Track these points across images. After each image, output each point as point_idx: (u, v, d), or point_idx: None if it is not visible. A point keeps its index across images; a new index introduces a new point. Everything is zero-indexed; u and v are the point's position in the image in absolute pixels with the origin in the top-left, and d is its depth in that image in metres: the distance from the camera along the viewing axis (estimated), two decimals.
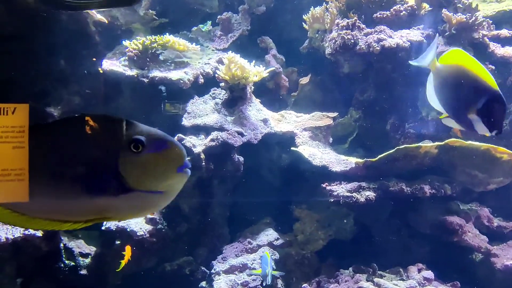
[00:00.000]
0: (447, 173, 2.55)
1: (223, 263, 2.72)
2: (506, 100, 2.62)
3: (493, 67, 2.71)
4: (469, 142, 2.37)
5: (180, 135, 2.80)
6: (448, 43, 2.76)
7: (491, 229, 2.51)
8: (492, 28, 2.84)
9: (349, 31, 2.91)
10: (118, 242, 2.72)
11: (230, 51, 2.93)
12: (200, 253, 2.93)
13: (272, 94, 3.55)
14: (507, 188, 2.66)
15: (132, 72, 2.96)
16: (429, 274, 2.26)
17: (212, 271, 2.69)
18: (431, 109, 2.96)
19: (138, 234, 2.67)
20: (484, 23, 2.74)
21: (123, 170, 0.89)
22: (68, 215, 0.93)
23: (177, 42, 3.11)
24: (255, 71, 2.96)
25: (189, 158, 2.69)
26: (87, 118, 0.91)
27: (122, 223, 2.66)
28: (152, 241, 2.74)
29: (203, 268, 2.86)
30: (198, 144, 2.80)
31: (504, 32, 2.77)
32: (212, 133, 2.84)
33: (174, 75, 3.00)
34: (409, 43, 2.83)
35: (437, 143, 2.43)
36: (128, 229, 2.66)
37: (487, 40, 2.72)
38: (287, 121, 3.16)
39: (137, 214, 0.98)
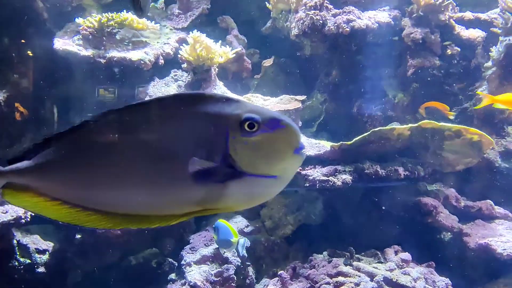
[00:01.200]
0: (418, 155, 2.57)
1: (193, 253, 2.59)
2: (469, 81, 2.68)
3: (459, 49, 2.76)
4: (442, 123, 2.39)
5: None
6: (415, 25, 2.77)
7: (458, 209, 2.58)
8: (456, 11, 2.88)
9: (318, 11, 2.84)
10: (79, 236, 2.53)
11: (196, 30, 2.76)
12: (166, 244, 2.79)
13: (234, 77, 3.42)
14: (468, 168, 2.74)
15: (87, 52, 2.73)
16: (406, 255, 2.27)
17: (183, 262, 2.55)
18: (397, 91, 2.98)
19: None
20: (449, 5, 2.77)
21: (234, 152, 0.79)
22: (166, 208, 0.83)
23: (135, 20, 2.90)
24: (221, 52, 2.83)
25: None
26: (191, 96, 0.82)
27: None
28: (116, 234, 2.57)
29: (170, 259, 2.73)
30: None
31: (468, 15, 2.82)
32: None
33: (134, 55, 2.80)
34: (377, 25, 2.81)
35: (410, 125, 2.44)
36: None
37: (453, 22, 2.76)
38: None
39: (247, 203, 0.86)
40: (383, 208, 2.63)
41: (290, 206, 2.94)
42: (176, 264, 2.67)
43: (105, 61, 2.74)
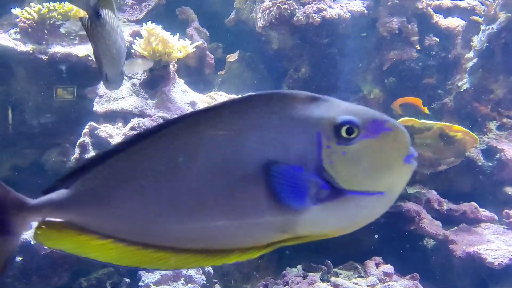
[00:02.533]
0: None
1: (152, 272, 2.31)
2: (449, 74, 2.49)
3: (437, 40, 2.56)
4: (423, 121, 2.18)
5: (92, 123, 2.32)
6: (391, 14, 2.56)
7: (441, 213, 2.38)
8: None
9: (285, 0, 2.59)
10: (20, 258, 2.21)
11: (150, 22, 2.47)
12: None
13: (196, 73, 3.15)
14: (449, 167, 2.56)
15: (26, 48, 2.41)
16: (389, 268, 2.05)
17: (140, 283, 2.27)
18: (372, 86, 2.77)
19: (45, 248, 2.17)
20: None
21: (329, 165, 0.64)
22: (246, 238, 0.68)
23: (82, 11, 2.57)
24: (179, 46, 2.54)
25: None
26: (268, 96, 0.65)
27: (24, 235, 2.15)
28: (63, 254, 2.25)
29: (127, 279, 2.43)
30: (115, 133, 2.34)
31: (447, 2, 2.63)
32: (131, 119, 2.39)
33: (80, 50, 2.49)
34: (350, 14, 2.58)
35: None
36: (32, 242, 2.15)
37: (431, 10, 2.56)
38: None
39: (349, 227, 0.67)
40: None
41: None
42: (134, 286, 2.39)
43: (47, 57, 2.43)
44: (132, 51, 2.56)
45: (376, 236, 2.43)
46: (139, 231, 0.70)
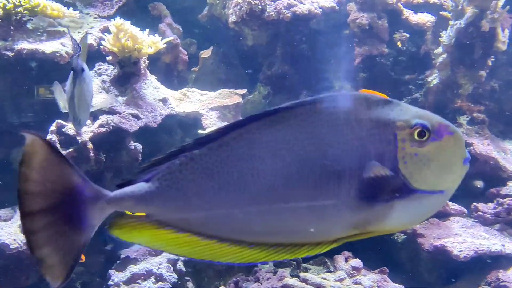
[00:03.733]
0: None
1: (122, 271, 2.28)
2: (419, 69, 2.51)
3: (408, 35, 2.57)
4: None
5: (59, 121, 2.27)
6: (361, 10, 2.56)
7: None
8: None
9: None
10: None
11: (119, 17, 2.43)
12: (94, 261, 2.46)
13: (169, 70, 3.12)
14: None
15: None
16: (358, 262, 2.06)
17: (110, 282, 2.24)
18: (344, 82, 2.77)
19: (11, 247, 2.14)
20: None
21: (404, 165, 0.69)
22: (321, 233, 0.72)
23: (49, 6, 2.53)
24: (149, 42, 2.51)
25: (72, 149, 2.13)
26: (344, 98, 0.71)
27: None
28: (30, 254, 2.21)
29: (97, 279, 2.41)
30: (83, 131, 2.30)
31: None
32: (100, 117, 2.35)
33: (48, 47, 2.44)
34: (321, 10, 2.58)
35: None
36: None
37: (401, 6, 2.57)
38: (191, 100, 2.77)
39: (411, 223, 0.77)
40: None
41: None
42: (105, 285, 2.36)
43: (13, 54, 2.38)
44: (101, 47, 2.53)
45: None
46: (217, 225, 0.72)
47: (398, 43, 2.65)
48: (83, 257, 2.04)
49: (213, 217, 0.73)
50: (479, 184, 2.54)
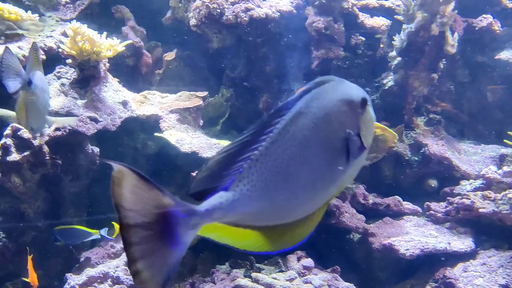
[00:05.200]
0: None
1: (79, 274, 2.29)
2: (376, 72, 2.55)
3: (364, 39, 2.62)
4: None
5: (14, 124, 2.26)
6: (318, 13, 2.60)
7: (367, 206, 2.44)
8: None
9: None
10: None
11: (74, 21, 2.43)
12: (53, 265, 2.46)
13: (133, 73, 3.12)
14: (377, 162, 2.62)
15: None
16: (309, 262, 2.10)
17: (66, 286, 2.24)
18: (303, 85, 2.81)
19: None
20: None
21: (361, 130, 0.86)
22: (323, 200, 0.86)
23: (6, 9, 2.52)
24: (108, 45, 2.51)
25: (28, 152, 2.13)
26: (324, 83, 0.86)
27: None
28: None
29: (56, 282, 2.40)
30: (39, 135, 2.30)
31: (373, 2, 2.69)
32: None
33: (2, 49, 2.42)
34: (278, 14, 2.62)
35: None
36: None
37: (357, 10, 2.61)
38: (151, 103, 2.78)
39: (355, 175, 0.92)
40: None
41: None
42: None
43: None
44: (60, 50, 2.52)
45: None
46: (281, 217, 0.82)
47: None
48: (36, 281, 2.06)
49: (283, 209, 0.82)
50: (433, 183, 2.60)
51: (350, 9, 2.58)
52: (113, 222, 2.35)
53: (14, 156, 2.22)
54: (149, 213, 0.70)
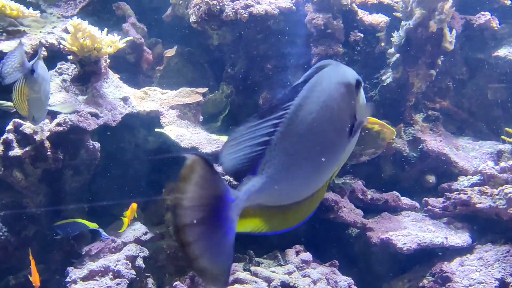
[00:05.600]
0: None
1: (80, 268, 2.31)
2: (374, 69, 2.57)
3: (362, 35, 2.64)
4: None
5: (17, 120, 2.29)
6: (317, 10, 2.62)
7: (365, 202, 2.47)
8: None
9: None
10: None
11: (75, 17, 2.45)
12: (55, 259, 2.49)
13: (133, 69, 3.14)
14: (376, 158, 2.64)
15: None
16: (307, 256, 2.13)
17: (68, 279, 2.27)
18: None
19: None
20: None
21: (357, 110, 0.93)
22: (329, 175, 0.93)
23: (8, 6, 2.54)
24: (108, 41, 2.54)
25: (29, 147, 2.15)
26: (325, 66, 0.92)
27: None
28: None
29: (57, 276, 2.43)
30: (41, 129, 2.32)
31: None
32: (58, 115, 2.38)
33: (6, 46, 2.45)
34: (278, 10, 2.63)
35: None
36: None
37: (355, 6, 2.63)
38: (152, 99, 2.80)
39: (350, 153, 0.99)
40: None
41: None
42: (63, 281, 2.38)
43: None
44: (61, 46, 2.54)
45: (305, 226, 2.50)
46: (296, 195, 0.88)
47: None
48: (38, 280, 2.10)
49: (299, 188, 0.88)
50: (431, 179, 2.62)
51: (349, 6, 2.59)
52: (122, 217, 2.37)
53: (16, 151, 2.24)
54: (208, 201, 0.74)
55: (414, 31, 2.44)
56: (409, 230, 2.20)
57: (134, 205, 2.32)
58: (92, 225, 2.32)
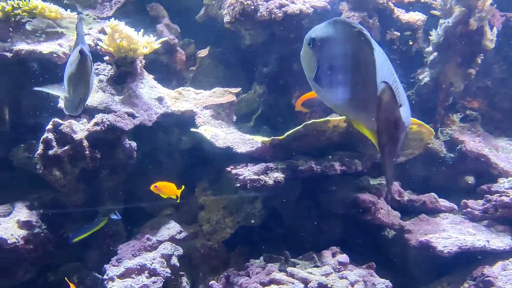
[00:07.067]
0: (357, 147, 2.40)
1: (117, 266, 2.34)
2: (411, 68, 2.53)
3: (399, 34, 2.59)
4: None
5: (56, 119, 2.34)
6: (352, 9, 2.59)
7: (402, 203, 2.42)
8: None
9: None
10: None
11: (112, 18, 2.49)
12: (91, 257, 2.53)
13: (167, 70, 3.17)
14: (412, 159, 2.59)
15: None
16: (344, 258, 2.10)
17: (105, 276, 2.30)
18: None
19: (9, 242, 2.20)
20: None
21: None
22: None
23: (47, 8, 2.60)
24: (144, 42, 2.57)
25: (68, 146, 2.18)
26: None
27: None
28: (28, 248, 2.28)
29: (94, 273, 2.47)
30: (79, 129, 2.37)
31: None
32: (96, 115, 2.42)
33: (45, 47, 2.50)
34: (312, 9, 2.61)
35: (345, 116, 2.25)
36: None
37: (392, 5, 2.59)
38: (186, 99, 2.82)
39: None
40: (323, 206, 2.45)
41: (228, 208, 2.73)
42: (100, 278, 2.42)
43: (11, 54, 2.44)
44: (98, 47, 2.59)
45: (339, 226, 2.48)
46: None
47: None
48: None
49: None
50: (470, 180, 2.56)
51: (385, 4, 2.55)
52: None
53: (55, 150, 2.29)
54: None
55: (454, 29, 2.38)
56: (449, 232, 2.15)
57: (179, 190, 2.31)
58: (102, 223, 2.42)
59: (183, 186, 2.31)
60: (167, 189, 2.28)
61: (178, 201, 2.32)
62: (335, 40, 1.14)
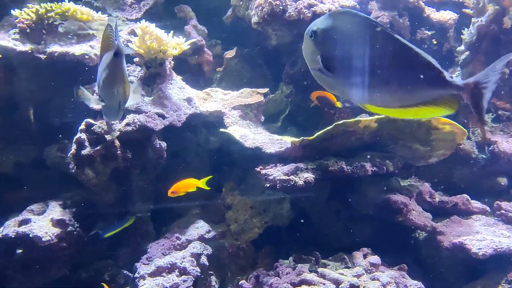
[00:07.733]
0: (387, 148, 2.38)
1: (148, 264, 2.37)
2: (443, 66, 2.49)
3: (429, 33, 2.56)
4: None
5: (88, 120, 2.38)
6: (382, 8, 2.56)
7: (433, 205, 2.39)
8: None
9: None
10: (20, 250, 2.29)
11: (144, 20, 2.52)
12: (122, 255, 2.57)
13: (195, 70, 3.19)
14: (442, 160, 2.55)
15: (25, 48, 2.47)
16: (376, 259, 2.08)
17: (136, 275, 2.33)
18: None
19: (43, 240, 2.25)
20: None
21: None
22: None
23: (79, 10, 2.64)
24: (174, 43, 2.59)
25: (100, 146, 2.20)
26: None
27: (22, 229, 2.24)
28: (62, 246, 2.33)
29: (125, 271, 2.50)
30: (111, 129, 2.40)
31: None
32: (127, 116, 2.45)
33: (78, 49, 2.55)
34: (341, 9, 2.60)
35: (376, 116, 2.23)
36: (30, 235, 2.23)
37: (422, 3, 2.56)
38: (214, 100, 2.84)
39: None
40: (353, 207, 2.44)
41: (256, 208, 2.73)
42: (132, 276, 2.45)
43: (45, 56, 2.49)
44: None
45: (369, 227, 2.46)
46: None
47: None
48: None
49: None
50: (503, 181, 2.51)
51: (415, 3, 2.52)
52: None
53: (88, 150, 2.33)
54: None
55: (487, 28, 2.34)
56: (483, 234, 2.11)
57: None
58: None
59: (210, 176, 2.35)
60: (190, 185, 2.32)
61: (208, 188, 2.38)
62: (336, 29, 1.20)
